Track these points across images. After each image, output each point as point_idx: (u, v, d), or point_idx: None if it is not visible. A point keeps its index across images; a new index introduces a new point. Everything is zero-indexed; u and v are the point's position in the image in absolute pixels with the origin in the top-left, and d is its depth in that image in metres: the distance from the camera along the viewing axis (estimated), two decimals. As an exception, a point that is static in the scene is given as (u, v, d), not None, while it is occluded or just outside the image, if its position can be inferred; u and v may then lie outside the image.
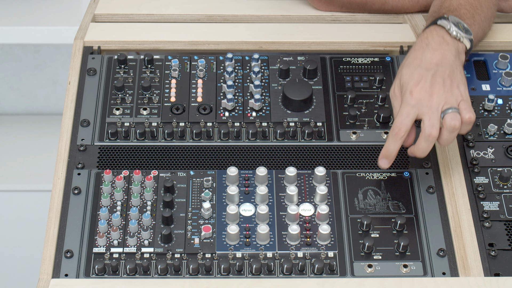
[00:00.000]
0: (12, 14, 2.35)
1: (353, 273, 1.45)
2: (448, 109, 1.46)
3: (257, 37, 1.77)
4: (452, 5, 1.62)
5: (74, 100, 1.65)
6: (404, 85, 1.49)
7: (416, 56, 1.51)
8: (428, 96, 1.47)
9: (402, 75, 1.50)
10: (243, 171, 1.57)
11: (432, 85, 1.47)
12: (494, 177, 1.57)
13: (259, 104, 1.64)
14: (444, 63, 1.50)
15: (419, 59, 1.51)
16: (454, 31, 1.54)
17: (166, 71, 1.70)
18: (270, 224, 1.50)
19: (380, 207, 1.53)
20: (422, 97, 1.47)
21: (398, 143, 1.48)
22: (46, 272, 1.44)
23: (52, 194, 1.53)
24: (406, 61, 1.52)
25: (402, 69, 1.52)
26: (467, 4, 1.62)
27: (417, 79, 1.48)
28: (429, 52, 1.51)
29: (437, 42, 1.52)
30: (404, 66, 1.51)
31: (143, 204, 1.52)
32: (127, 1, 1.84)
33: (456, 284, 1.44)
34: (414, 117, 1.47)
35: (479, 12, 1.63)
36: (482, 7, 1.65)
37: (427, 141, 1.47)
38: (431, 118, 1.46)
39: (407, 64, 1.51)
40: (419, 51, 1.52)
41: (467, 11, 1.61)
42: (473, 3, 1.63)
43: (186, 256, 1.46)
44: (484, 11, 1.65)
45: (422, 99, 1.47)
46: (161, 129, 1.61)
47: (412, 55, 1.52)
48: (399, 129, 1.47)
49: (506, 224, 1.51)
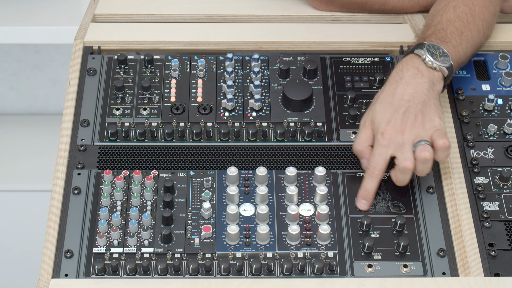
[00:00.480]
0: (12, 14, 2.35)
1: (353, 273, 1.45)
2: (419, 142, 1.49)
3: (257, 37, 1.77)
4: (441, 22, 1.62)
5: (74, 100, 1.65)
6: (376, 123, 1.51)
7: (390, 91, 1.53)
8: (399, 134, 1.49)
9: (375, 111, 1.52)
10: (243, 171, 1.57)
11: (402, 123, 1.50)
12: (494, 177, 1.57)
13: (259, 104, 1.64)
14: (416, 98, 1.51)
15: (391, 95, 1.52)
16: (430, 61, 1.54)
17: (166, 71, 1.70)
18: (270, 224, 1.50)
19: (380, 207, 1.53)
20: (393, 137, 1.49)
21: (375, 181, 1.51)
22: (46, 272, 1.44)
23: (52, 194, 1.53)
24: (381, 95, 1.54)
25: (375, 103, 1.53)
26: (457, 20, 1.62)
27: (388, 118, 1.50)
28: (401, 88, 1.52)
29: (411, 75, 1.53)
30: (378, 102, 1.53)
31: (143, 204, 1.52)
32: (127, 1, 1.84)
33: (456, 284, 1.44)
34: (387, 156, 1.50)
35: (470, 27, 1.63)
36: (476, 21, 1.64)
37: (403, 174, 1.50)
38: (403, 152, 1.49)
39: (380, 100, 1.53)
40: (393, 86, 1.53)
41: (456, 29, 1.61)
42: (465, 18, 1.62)
43: (186, 256, 1.46)
44: (478, 24, 1.64)
45: (393, 138, 1.49)
46: (161, 129, 1.61)
47: (386, 89, 1.54)
48: (374, 169, 1.50)
49: (506, 224, 1.51)
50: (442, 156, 1.50)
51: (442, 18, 1.62)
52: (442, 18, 1.62)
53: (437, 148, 1.49)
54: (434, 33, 1.60)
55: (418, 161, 1.49)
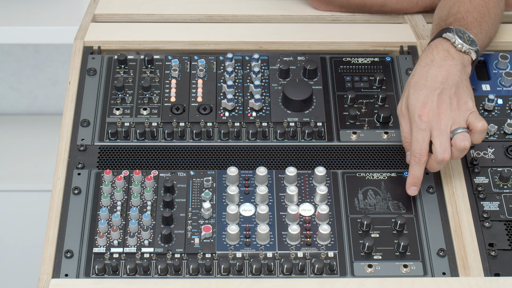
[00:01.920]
0: (12, 14, 2.35)
1: (353, 273, 1.45)
2: (457, 129, 1.48)
3: (257, 37, 1.77)
4: (459, 12, 1.61)
5: (74, 100, 1.65)
6: (411, 107, 1.50)
7: (422, 74, 1.52)
8: (436, 117, 1.48)
9: (409, 96, 1.51)
10: (243, 171, 1.57)
11: (438, 106, 1.49)
12: (494, 177, 1.57)
13: (259, 104, 1.64)
14: (450, 80, 1.50)
15: (424, 78, 1.51)
16: (460, 44, 1.54)
17: (166, 71, 1.70)
18: (270, 224, 1.50)
19: (380, 207, 1.53)
20: (431, 119, 1.48)
21: (423, 167, 1.50)
22: (46, 272, 1.44)
23: (52, 194, 1.53)
24: (413, 80, 1.53)
25: (409, 88, 1.52)
26: (475, 11, 1.62)
27: (424, 100, 1.49)
28: (434, 69, 1.51)
29: (442, 57, 1.52)
30: (411, 86, 1.52)
31: (143, 204, 1.52)
32: (127, 1, 1.84)
33: (456, 284, 1.44)
34: (429, 139, 1.49)
35: (486, 19, 1.63)
36: (490, 14, 1.64)
37: (440, 164, 1.50)
38: (442, 142, 1.48)
39: (413, 83, 1.52)
40: (424, 68, 1.52)
41: (475, 19, 1.60)
42: (481, 10, 1.63)
43: (186, 256, 1.46)
44: (492, 18, 1.65)
45: (431, 121, 1.48)
46: (161, 129, 1.61)
47: (418, 72, 1.53)
48: (421, 155, 1.49)
49: (506, 224, 1.51)
50: (479, 139, 1.49)
51: (460, 8, 1.62)
52: (460, 8, 1.62)
53: (475, 131, 1.48)
54: (456, 21, 1.59)
55: (456, 150, 1.48)
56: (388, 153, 1.60)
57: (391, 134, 1.62)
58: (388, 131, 1.62)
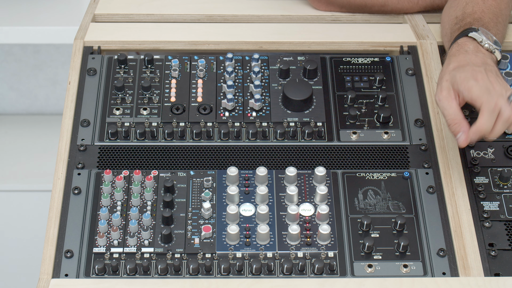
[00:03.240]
0: (12, 14, 2.35)
1: (353, 273, 1.45)
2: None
3: (257, 37, 1.77)
4: (475, 12, 1.61)
5: (74, 100, 1.65)
6: (464, 81, 1.47)
7: (460, 59, 1.51)
8: (491, 85, 1.46)
9: (455, 76, 1.48)
10: (243, 171, 1.57)
11: (488, 77, 1.47)
12: (494, 177, 1.57)
13: (259, 104, 1.64)
14: (488, 63, 1.50)
15: (465, 61, 1.50)
16: (487, 43, 1.54)
17: (166, 71, 1.70)
18: (270, 224, 1.50)
19: (380, 207, 1.53)
20: (488, 86, 1.46)
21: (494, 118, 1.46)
22: (46, 272, 1.44)
23: (52, 194, 1.53)
24: (450, 65, 1.51)
25: (449, 72, 1.50)
26: (489, 11, 1.62)
27: (473, 74, 1.47)
28: (471, 56, 1.51)
29: (474, 51, 1.52)
30: (451, 70, 1.50)
31: (143, 204, 1.52)
32: (127, 1, 1.84)
33: (456, 284, 1.44)
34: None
35: (500, 20, 1.63)
36: (503, 15, 1.64)
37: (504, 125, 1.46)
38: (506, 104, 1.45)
39: (453, 67, 1.50)
40: (461, 55, 1.52)
41: (490, 19, 1.60)
42: (495, 11, 1.62)
43: (186, 256, 1.46)
44: (504, 19, 1.65)
45: (489, 87, 1.45)
46: (161, 129, 1.61)
47: (454, 59, 1.52)
48: (496, 105, 1.44)
49: (506, 224, 1.51)
50: None
51: (475, 9, 1.62)
52: (474, 9, 1.62)
53: None
54: (475, 21, 1.59)
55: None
56: (388, 153, 1.60)
57: (391, 134, 1.62)
58: (388, 131, 1.62)
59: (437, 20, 1.79)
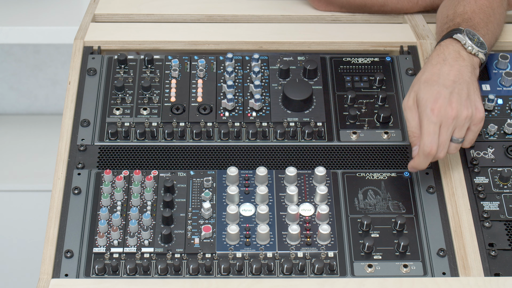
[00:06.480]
0: (12, 14, 2.35)
1: (353, 273, 1.45)
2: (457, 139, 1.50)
3: (257, 37, 1.77)
4: (466, 12, 1.61)
5: (74, 100, 1.65)
6: (423, 101, 1.49)
7: (434, 71, 1.51)
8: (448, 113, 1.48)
9: (420, 90, 1.50)
10: (243, 171, 1.57)
11: (450, 103, 1.48)
12: (494, 177, 1.57)
13: (259, 104, 1.64)
14: (461, 80, 1.50)
15: (436, 75, 1.51)
16: (470, 46, 1.54)
17: (166, 71, 1.70)
18: (270, 224, 1.50)
19: (380, 207, 1.53)
20: (443, 114, 1.48)
21: (429, 160, 1.50)
22: (46, 272, 1.44)
23: (52, 194, 1.53)
24: (423, 76, 1.52)
25: (419, 84, 1.51)
26: (480, 11, 1.61)
27: (436, 96, 1.48)
28: (446, 68, 1.51)
29: (453, 57, 1.52)
30: (422, 82, 1.51)
31: (143, 204, 1.53)
32: (127, 1, 1.84)
33: (456, 284, 1.44)
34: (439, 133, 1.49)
35: (492, 19, 1.63)
36: (495, 14, 1.64)
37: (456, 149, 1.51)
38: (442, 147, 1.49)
39: (424, 79, 1.51)
40: (436, 66, 1.52)
41: (481, 20, 1.60)
42: (487, 11, 1.62)
43: (186, 256, 1.46)
44: (497, 18, 1.65)
45: (443, 116, 1.48)
46: (161, 129, 1.62)
47: (429, 70, 1.52)
48: (431, 148, 1.48)
49: (506, 224, 1.51)
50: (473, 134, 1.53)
51: (466, 8, 1.62)
52: (465, 8, 1.62)
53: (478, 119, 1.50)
54: (464, 21, 1.59)
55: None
56: (388, 153, 1.60)
57: (391, 134, 1.62)
58: (388, 131, 1.62)
59: (437, 20, 1.80)
